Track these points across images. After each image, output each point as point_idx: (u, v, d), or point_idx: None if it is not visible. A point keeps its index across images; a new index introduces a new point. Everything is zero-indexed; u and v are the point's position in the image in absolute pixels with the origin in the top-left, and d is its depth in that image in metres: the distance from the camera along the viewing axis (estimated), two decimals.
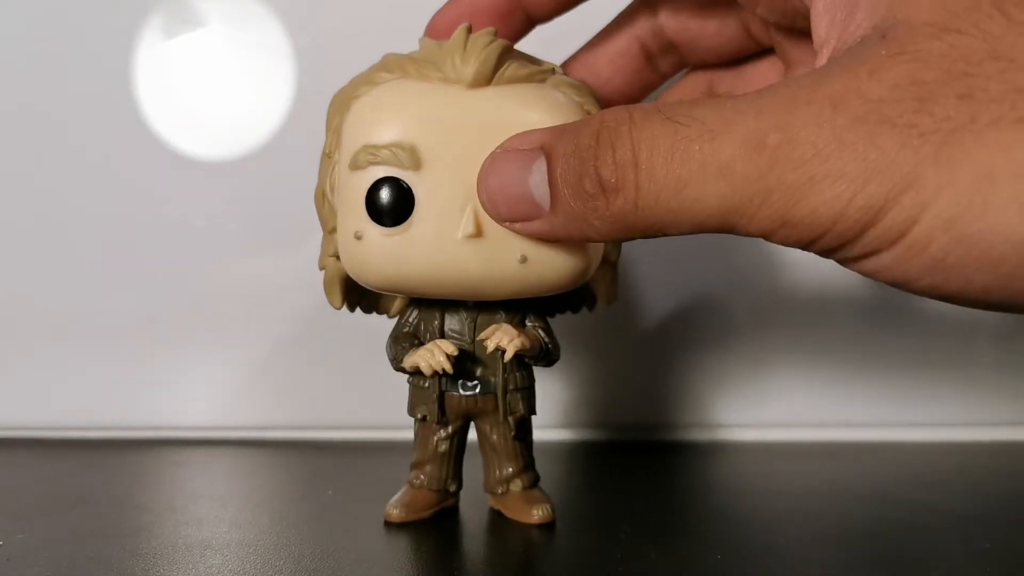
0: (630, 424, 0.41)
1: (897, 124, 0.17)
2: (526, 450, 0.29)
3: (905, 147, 0.17)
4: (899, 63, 0.18)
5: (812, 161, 0.18)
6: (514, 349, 0.26)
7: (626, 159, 0.20)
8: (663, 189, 0.19)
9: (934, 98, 0.17)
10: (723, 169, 0.19)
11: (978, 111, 0.17)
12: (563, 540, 0.26)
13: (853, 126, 0.18)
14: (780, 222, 0.19)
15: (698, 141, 0.19)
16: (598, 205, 0.20)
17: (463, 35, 0.25)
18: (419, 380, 0.28)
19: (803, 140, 0.18)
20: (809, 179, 0.18)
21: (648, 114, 0.20)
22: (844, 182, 0.18)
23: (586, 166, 0.21)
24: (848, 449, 0.39)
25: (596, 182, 0.20)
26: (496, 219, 0.24)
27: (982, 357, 0.42)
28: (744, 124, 0.19)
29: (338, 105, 0.27)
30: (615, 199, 0.20)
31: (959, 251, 0.17)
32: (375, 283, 0.26)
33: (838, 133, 0.18)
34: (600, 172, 0.20)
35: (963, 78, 0.17)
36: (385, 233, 0.25)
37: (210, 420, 0.40)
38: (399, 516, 0.28)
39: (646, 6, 0.29)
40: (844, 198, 0.18)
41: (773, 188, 0.18)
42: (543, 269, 0.25)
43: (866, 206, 0.18)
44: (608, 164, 0.20)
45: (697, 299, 0.41)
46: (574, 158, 0.21)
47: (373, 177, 0.25)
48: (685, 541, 0.26)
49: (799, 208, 0.18)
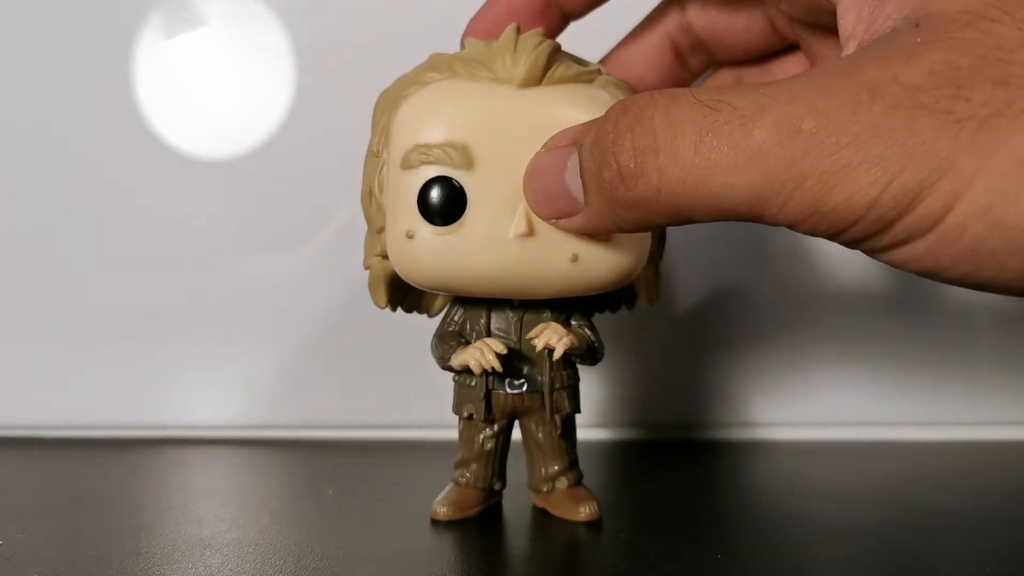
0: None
1: (934, 110, 0.17)
2: (571, 448, 0.29)
3: (942, 133, 0.17)
4: (934, 50, 0.18)
5: (848, 147, 0.17)
6: (563, 348, 0.26)
7: (646, 144, 0.19)
8: (690, 174, 0.19)
9: (970, 84, 0.17)
10: (755, 155, 0.18)
11: (1014, 97, 0.17)
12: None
13: (890, 112, 0.17)
14: (812, 210, 0.18)
15: (728, 125, 0.19)
16: (619, 193, 0.20)
17: (513, 35, 0.25)
18: (466, 379, 0.28)
19: (839, 127, 0.18)
20: (844, 166, 0.18)
21: (675, 97, 0.20)
22: (880, 168, 0.17)
23: (605, 154, 0.20)
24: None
25: (615, 169, 0.20)
26: (541, 217, 0.24)
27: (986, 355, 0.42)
28: (777, 109, 0.18)
29: (385, 105, 0.26)
30: (635, 185, 0.20)
31: (994, 238, 0.17)
32: (425, 282, 0.26)
33: (875, 120, 0.17)
34: (618, 158, 0.20)
35: (998, 64, 0.17)
36: (437, 232, 0.25)
37: (210, 419, 0.40)
38: (446, 514, 0.28)
39: (675, 4, 0.29)
40: (880, 185, 0.17)
41: (807, 175, 0.18)
42: (593, 268, 0.25)
43: (901, 193, 0.17)
44: (626, 150, 0.20)
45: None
46: (595, 147, 0.21)
47: (425, 176, 0.25)
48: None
49: (833, 195, 0.18)
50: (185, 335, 0.40)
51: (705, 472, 0.36)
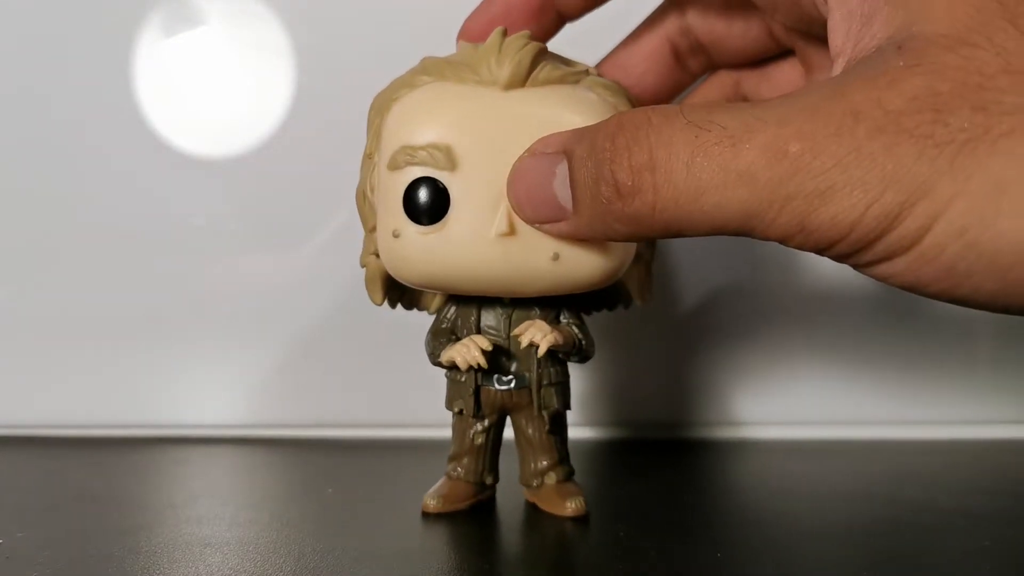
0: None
1: (914, 135, 0.18)
2: (560, 444, 0.29)
3: (921, 157, 0.18)
4: (916, 75, 0.18)
5: (832, 170, 0.18)
6: (547, 344, 0.26)
7: (642, 162, 0.20)
8: (683, 193, 0.20)
9: (950, 109, 0.18)
10: (744, 175, 0.19)
11: (992, 123, 0.17)
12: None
13: (873, 136, 0.18)
14: (798, 228, 0.19)
15: (719, 146, 0.19)
16: (615, 208, 0.21)
17: (498, 38, 0.26)
18: (456, 374, 0.28)
19: (824, 150, 0.18)
20: (829, 188, 0.18)
21: (668, 117, 0.20)
22: (862, 191, 0.18)
23: (602, 169, 0.21)
24: (863, 447, 0.39)
25: (612, 185, 0.21)
26: (525, 221, 0.24)
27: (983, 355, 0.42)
28: (765, 132, 0.19)
29: (378, 107, 0.27)
30: (631, 202, 0.20)
31: (970, 258, 0.18)
32: (412, 280, 0.27)
33: (858, 143, 0.18)
34: (616, 175, 0.20)
35: (977, 91, 0.18)
36: (421, 231, 0.25)
37: (210, 418, 0.40)
38: (436, 507, 0.28)
39: (675, 7, 0.29)
40: (861, 206, 0.18)
41: (793, 195, 0.19)
42: (575, 267, 0.26)
43: (882, 214, 0.18)
44: (624, 167, 0.20)
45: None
46: (591, 161, 0.21)
47: (410, 177, 0.25)
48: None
49: (818, 215, 0.18)
50: (185, 334, 0.40)
51: (691, 471, 0.36)
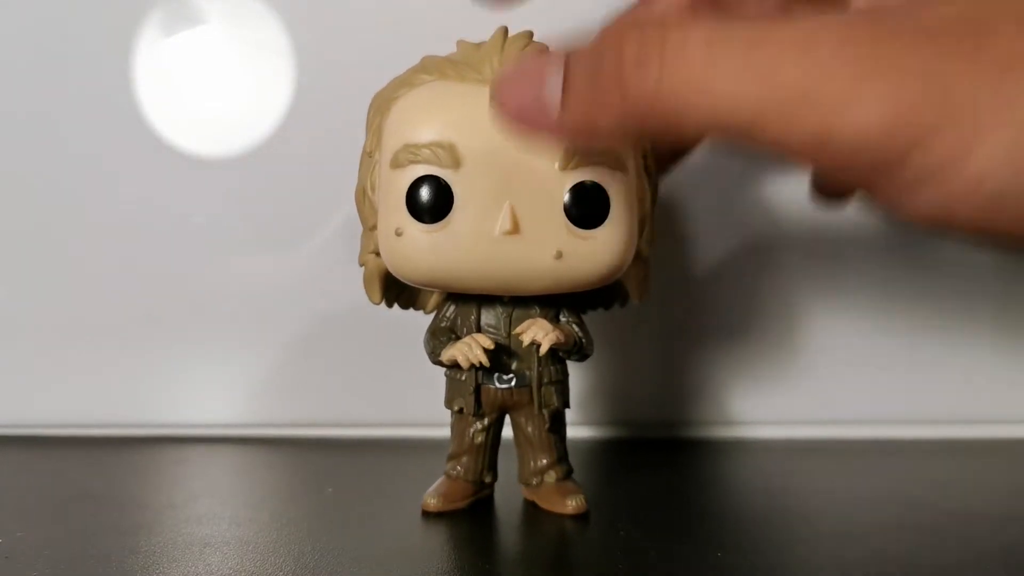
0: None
1: (957, 52, 0.16)
2: (560, 442, 0.29)
3: (964, 74, 0.16)
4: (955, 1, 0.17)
5: (865, 78, 0.17)
6: (549, 343, 0.27)
7: (653, 38, 0.18)
8: (694, 72, 0.18)
9: (996, 25, 0.17)
10: (765, 66, 0.17)
11: None
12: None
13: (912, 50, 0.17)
14: (815, 137, 0.17)
15: (745, 31, 0.18)
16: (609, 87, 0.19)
17: (500, 37, 0.26)
18: (456, 373, 0.28)
19: (857, 56, 0.17)
20: (858, 93, 0.16)
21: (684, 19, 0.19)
22: (895, 100, 0.16)
23: (606, 48, 0.19)
24: (862, 446, 0.39)
25: (615, 59, 0.19)
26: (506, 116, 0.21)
27: None
28: (796, 27, 0.17)
29: (378, 106, 0.27)
30: (634, 72, 0.18)
31: (1014, 185, 0.16)
32: (415, 278, 0.27)
33: (896, 54, 0.17)
34: (623, 48, 0.19)
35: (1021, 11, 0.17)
36: (425, 230, 0.25)
37: (210, 418, 0.40)
38: (436, 506, 0.28)
39: None
40: (894, 116, 0.16)
41: (817, 97, 0.17)
42: (577, 264, 0.26)
43: (918, 123, 0.16)
44: (632, 40, 0.19)
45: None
46: (597, 44, 0.20)
47: (414, 175, 0.25)
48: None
49: (841, 118, 0.17)
50: (185, 334, 0.40)
51: (689, 470, 0.36)
